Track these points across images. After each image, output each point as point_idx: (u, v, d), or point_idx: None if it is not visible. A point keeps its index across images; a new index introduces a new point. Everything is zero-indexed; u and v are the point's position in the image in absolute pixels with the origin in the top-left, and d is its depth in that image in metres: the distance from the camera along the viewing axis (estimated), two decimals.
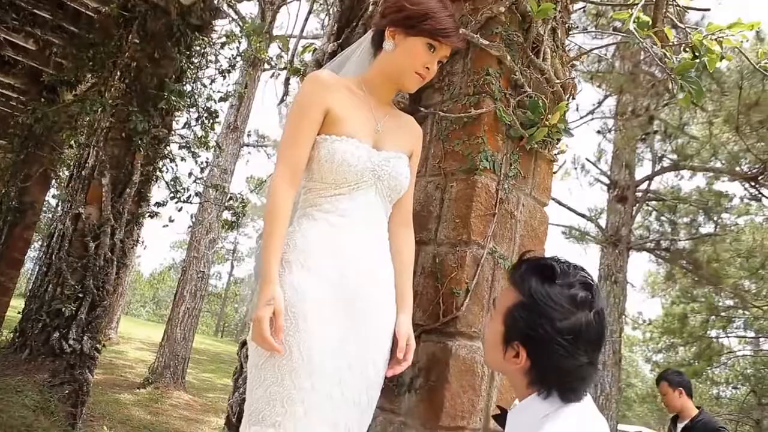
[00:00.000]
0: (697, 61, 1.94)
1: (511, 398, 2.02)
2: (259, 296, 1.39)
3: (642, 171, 11.25)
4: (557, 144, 2.27)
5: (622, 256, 10.36)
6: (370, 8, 2.36)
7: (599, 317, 1.15)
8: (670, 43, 2.15)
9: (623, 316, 10.71)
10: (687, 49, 2.09)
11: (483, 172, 1.94)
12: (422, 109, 2.15)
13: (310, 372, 1.37)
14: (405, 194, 1.67)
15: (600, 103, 9.82)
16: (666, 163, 10.85)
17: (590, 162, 11.25)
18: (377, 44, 1.68)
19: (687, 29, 2.44)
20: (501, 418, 1.36)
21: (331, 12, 2.78)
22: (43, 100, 6.80)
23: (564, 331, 1.11)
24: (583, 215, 11.20)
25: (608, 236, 10.37)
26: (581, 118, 9.37)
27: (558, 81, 2.18)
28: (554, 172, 2.31)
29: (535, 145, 2.12)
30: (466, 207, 1.91)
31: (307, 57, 2.84)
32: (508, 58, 2.03)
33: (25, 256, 8.41)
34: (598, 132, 10.43)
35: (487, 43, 2.01)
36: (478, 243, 1.90)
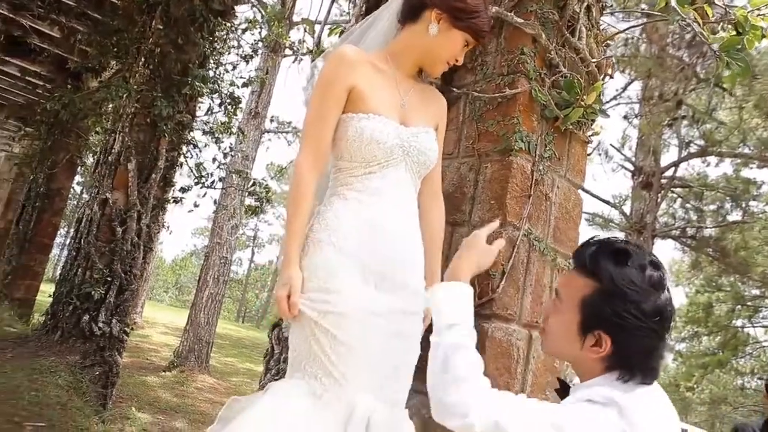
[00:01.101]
0: (743, 38, 1.87)
1: (545, 382, 2.00)
2: (279, 276, 1.46)
3: (668, 157, 11.06)
4: (591, 125, 2.23)
5: (647, 243, 10.22)
6: None
7: (671, 294, 1.16)
8: (710, 21, 2.09)
9: None
10: (727, 27, 2.02)
11: (518, 152, 1.91)
12: (454, 89, 2.11)
13: (345, 340, 1.41)
14: (434, 168, 1.66)
15: (625, 88, 9.66)
16: (693, 149, 10.63)
17: (614, 148, 11.08)
18: (411, 17, 1.61)
19: (726, 6, 2.36)
20: (561, 391, 1.33)
21: None
22: (68, 87, 6.89)
23: (650, 313, 1.10)
24: (607, 202, 11.06)
25: (633, 223, 10.23)
26: (606, 103, 9.21)
27: (593, 60, 2.13)
28: (588, 154, 2.26)
29: (570, 126, 2.08)
30: (501, 188, 1.88)
31: (334, 39, 2.82)
32: (544, 36, 1.98)
33: (53, 242, 8.59)
34: (624, 117, 10.25)
35: (522, 21, 1.97)
36: (513, 224, 1.88)
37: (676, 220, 11.64)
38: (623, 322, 1.10)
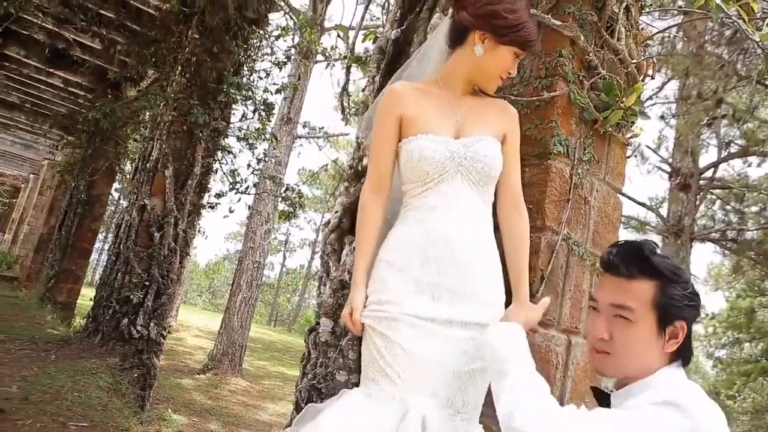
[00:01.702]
0: None
1: (585, 389, 1.97)
2: (348, 297, 1.63)
3: (706, 158, 10.75)
4: (631, 127, 2.18)
5: (685, 246, 9.94)
6: None
7: None
8: (755, 17, 2.03)
9: None
10: None
11: (557, 156, 1.88)
12: (491, 94, 2.10)
13: (399, 342, 1.49)
14: (509, 176, 1.65)
15: (661, 87, 9.42)
16: (733, 149, 10.30)
17: (650, 149, 10.82)
18: (458, 40, 1.66)
19: None
20: (598, 398, 1.34)
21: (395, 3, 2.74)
22: (108, 96, 7.10)
23: (697, 294, 1.22)
24: (643, 204, 10.79)
25: (670, 226, 9.97)
26: (642, 103, 9.00)
27: (633, 61, 2.09)
28: (627, 157, 2.22)
29: (610, 129, 2.04)
30: (539, 192, 1.86)
31: (368, 45, 2.83)
32: (582, 38, 1.96)
33: (93, 247, 8.85)
34: (661, 117, 10.00)
35: (560, 23, 1.94)
36: (552, 229, 1.85)
37: (716, 222, 11.29)
38: (693, 303, 1.20)
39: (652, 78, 2.14)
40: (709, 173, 10.52)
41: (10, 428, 3.19)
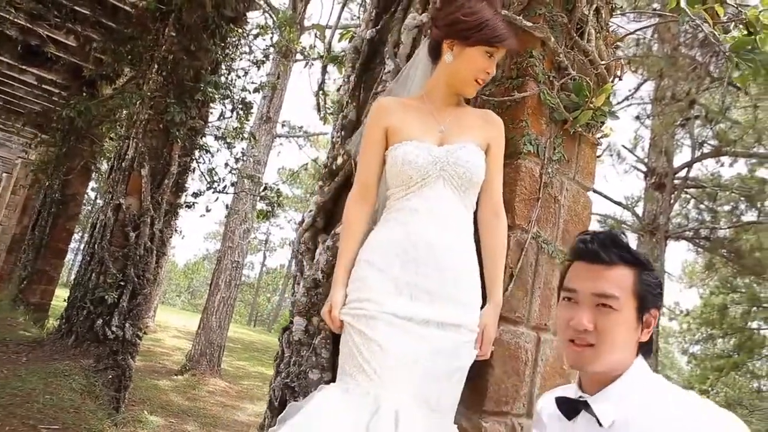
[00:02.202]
0: (755, 37, 1.87)
1: (555, 385, 2.00)
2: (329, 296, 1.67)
3: (681, 158, 10.95)
4: (601, 127, 2.22)
5: (660, 245, 10.13)
6: None
7: None
8: (721, 21, 2.08)
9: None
10: (739, 26, 2.01)
11: (527, 155, 1.91)
12: (469, 97, 2.12)
13: (376, 339, 1.52)
14: (491, 183, 1.71)
15: (637, 89, 9.58)
16: (706, 149, 10.52)
17: (626, 149, 11.00)
18: (435, 55, 1.76)
19: (738, 6, 2.35)
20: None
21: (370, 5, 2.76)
22: (83, 94, 6.98)
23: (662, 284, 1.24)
24: (619, 203, 10.98)
25: (645, 225, 10.14)
26: (617, 104, 9.16)
27: (602, 62, 2.13)
28: (598, 157, 2.26)
29: (579, 129, 2.07)
30: (509, 191, 1.88)
31: (344, 44, 2.84)
32: (552, 39, 1.99)
33: (68, 247, 8.70)
34: (636, 118, 10.17)
35: (531, 24, 1.97)
36: (522, 227, 1.88)
37: (690, 221, 11.52)
38: (661, 291, 1.21)
39: (620, 79, 2.18)
40: (683, 173, 10.73)
41: None
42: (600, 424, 1.15)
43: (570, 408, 1.22)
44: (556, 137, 2.02)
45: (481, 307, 1.66)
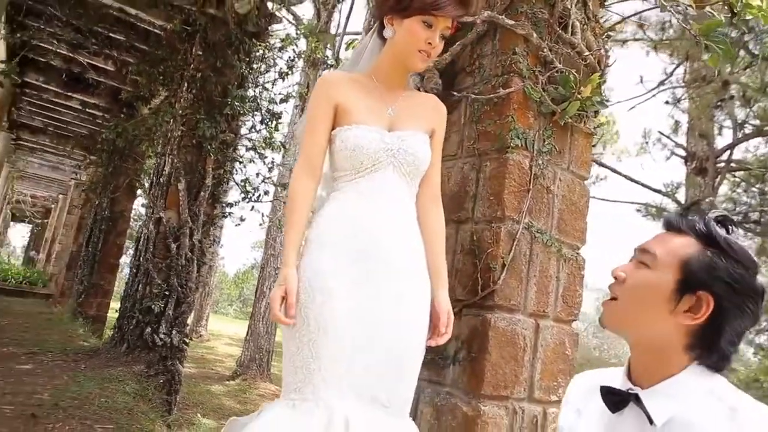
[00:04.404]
0: (733, 19, 1.89)
1: (557, 369, 2.06)
2: (277, 278, 1.55)
3: (722, 140, 10.54)
4: (595, 117, 2.27)
5: None
6: None
7: None
8: (705, 2, 2.10)
9: None
10: (723, 9, 2.03)
11: (515, 149, 1.99)
12: (455, 93, 2.21)
13: (326, 342, 1.45)
14: (431, 171, 1.70)
15: (671, 73, 9.32)
16: (748, 129, 10.11)
17: (663, 135, 10.70)
18: (381, 35, 1.74)
19: None
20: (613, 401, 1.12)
21: (370, 5, 2.88)
22: (123, 115, 7.39)
23: (758, 289, 0.99)
24: (658, 191, 10.67)
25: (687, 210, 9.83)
26: (650, 90, 8.95)
27: (590, 53, 2.18)
28: (593, 145, 2.30)
29: (570, 120, 2.13)
30: (499, 184, 1.96)
31: (350, 53, 2.97)
32: (534, 35, 2.06)
33: (120, 261, 9.19)
34: (666, 102, 9.90)
35: (512, 22, 2.05)
36: (512, 218, 1.95)
37: (737, 204, 11.07)
38: (736, 285, 0.98)
39: (604, 68, 2.22)
40: (725, 155, 10.34)
41: (40, 431, 3.42)
42: (651, 422, 1.00)
43: (618, 400, 1.07)
44: (546, 129, 2.09)
45: None
